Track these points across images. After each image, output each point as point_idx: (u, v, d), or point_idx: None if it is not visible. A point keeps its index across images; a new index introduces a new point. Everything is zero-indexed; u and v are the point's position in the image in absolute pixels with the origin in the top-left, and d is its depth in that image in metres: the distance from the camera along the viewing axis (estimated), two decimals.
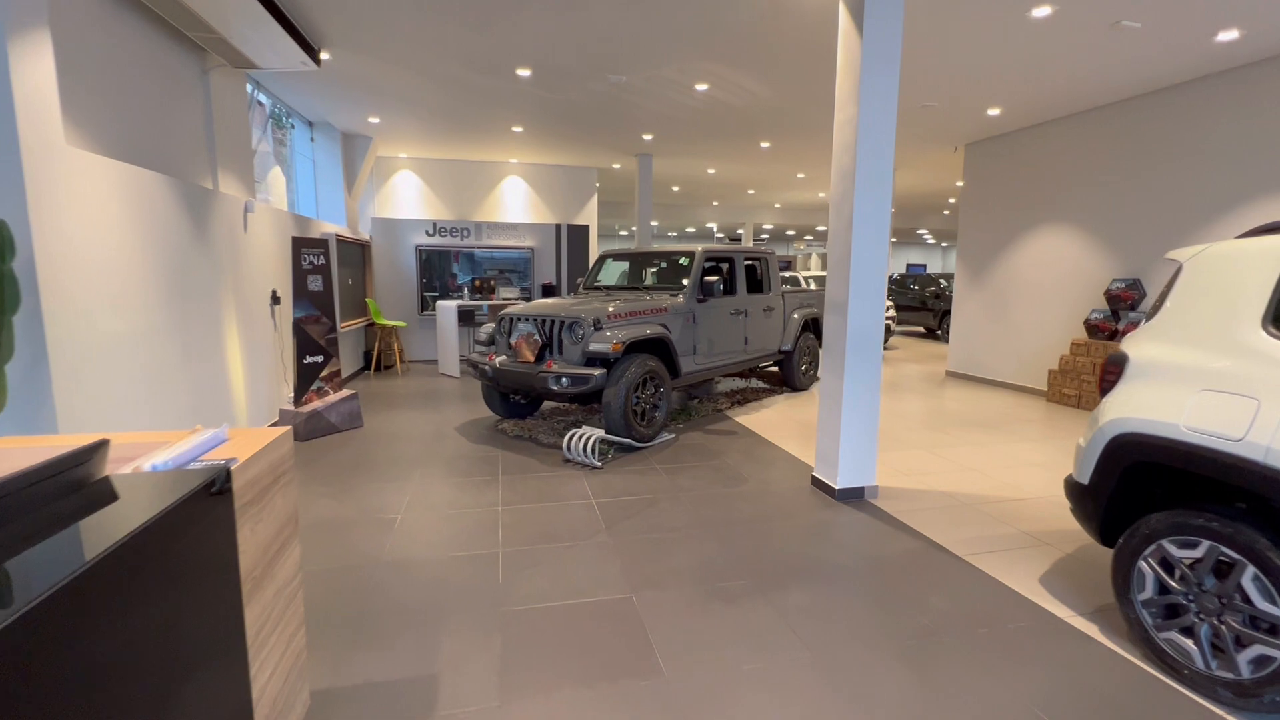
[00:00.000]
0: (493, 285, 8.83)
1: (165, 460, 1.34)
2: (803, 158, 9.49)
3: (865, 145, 3.58)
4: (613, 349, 4.66)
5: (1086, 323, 6.66)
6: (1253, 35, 4.56)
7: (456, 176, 10.11)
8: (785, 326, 7.16)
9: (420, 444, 5.04)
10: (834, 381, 3.86)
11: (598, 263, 6.74)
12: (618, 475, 4.31)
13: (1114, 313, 6.40)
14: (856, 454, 3.87)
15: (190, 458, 1.40)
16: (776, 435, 5.43)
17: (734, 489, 4.06)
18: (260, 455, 1.52)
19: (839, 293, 3.79)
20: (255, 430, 1.71)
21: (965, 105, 6.58)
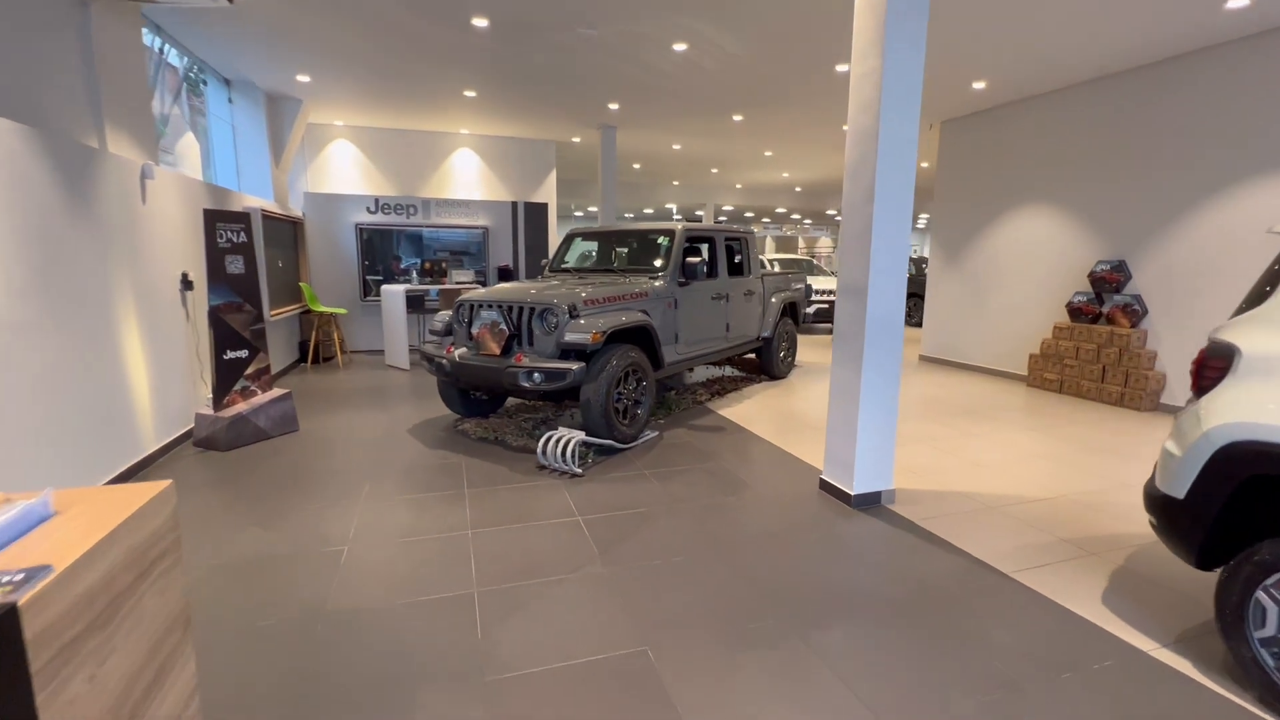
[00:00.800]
0: (444, 268, 8.06)
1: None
2: (774, 133, 9.06)
3: (890, 102, 3.11)
4: (592, 339, 4.10)
5: (1069, 306, 6.51)
6: (1266, 1, 4.34)
7: (401, 148, 9.20)
8: (765, 311, 6.74)
9: (368, 451, 4.37)
10: (849, 375, 3.43)
11: (564, 242, 6.12)
12: (602, 484, 3.78)
13: (1098, 295, 6.26)
14: (874, 456, 3.46)
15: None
16: (766, 430, 5.00)
17: (735, 497, 3.60)
18: (105, 547, 0.92)
19: (856, 274, 3.34)
20: (112, 491, 1.08)
21: (950, 77, 6.25)
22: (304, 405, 5.64)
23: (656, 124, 8.57)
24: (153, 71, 5.24)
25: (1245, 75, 5.04)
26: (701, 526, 3.20)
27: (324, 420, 5.16)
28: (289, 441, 4.57)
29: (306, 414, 5.34)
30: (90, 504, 1.02)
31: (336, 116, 8.40)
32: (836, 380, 3.54)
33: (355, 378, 6.97)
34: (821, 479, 3.71)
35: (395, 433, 4.82)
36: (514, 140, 9.63)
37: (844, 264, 3.44)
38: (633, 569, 2.75)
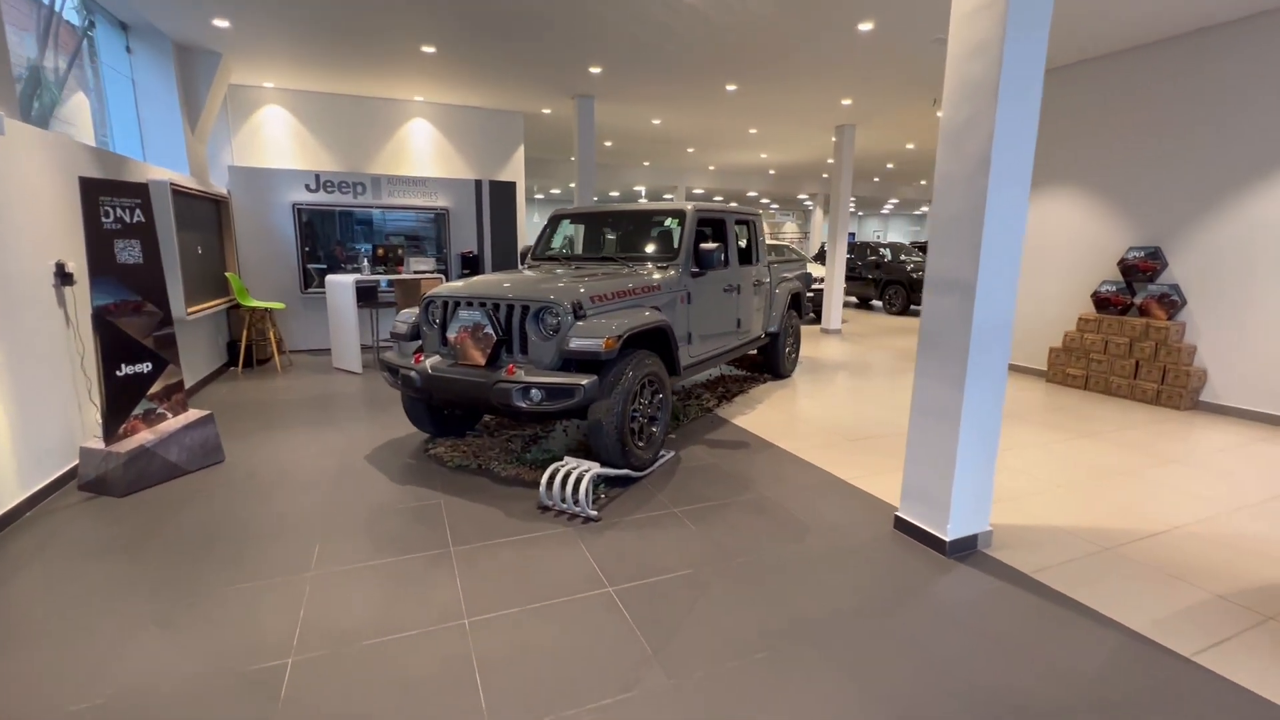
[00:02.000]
0: (400, 255, 7.01)
1: None
2: (765, 107, 8.31)
3: (1016, 40, 2.39)
4: (605, 346, 3.27)
5: (1095, 296, 6.05)
6: None
7: (345, 117, 8.02)
8: (771, 303, 6.03)
9: (318, 489, 3.42)
10: (944, 393, 2.72)
11: (549, 225, 5.22)
12: (626, 531, 2.98)
13: (1129, 285, 5.81)
14: (973, 492, 2.78)
15: None
16: (796, 444, 4.30)
17: (798, 546, 2.87)
18: None
19: (958, 265, 2.62)
20: None
21: None
22: (233, 423, 4.60)
23: (640, 95, 7.70)
24: (39, 22, 4.04)
25: None
26: (773, 598, 2.44)
27: (259, 445, 4.16)
28: (211, 478, 3.57)
29: (236, 436, 4.31)
30: None
31: (266, 76, 7.17)
32: (924, 398, 2.84)
33: (297, 385, 5.90)
34: (898, 517, 3.02)
35: (351, 460, 3.88)
36: (477, 110, 8.56)
37: (938, 252, 2.72)
38: (706, 679, 1.97)
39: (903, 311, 12.92)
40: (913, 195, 19.29)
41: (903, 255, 13.66)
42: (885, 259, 13.59)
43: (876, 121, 9.12)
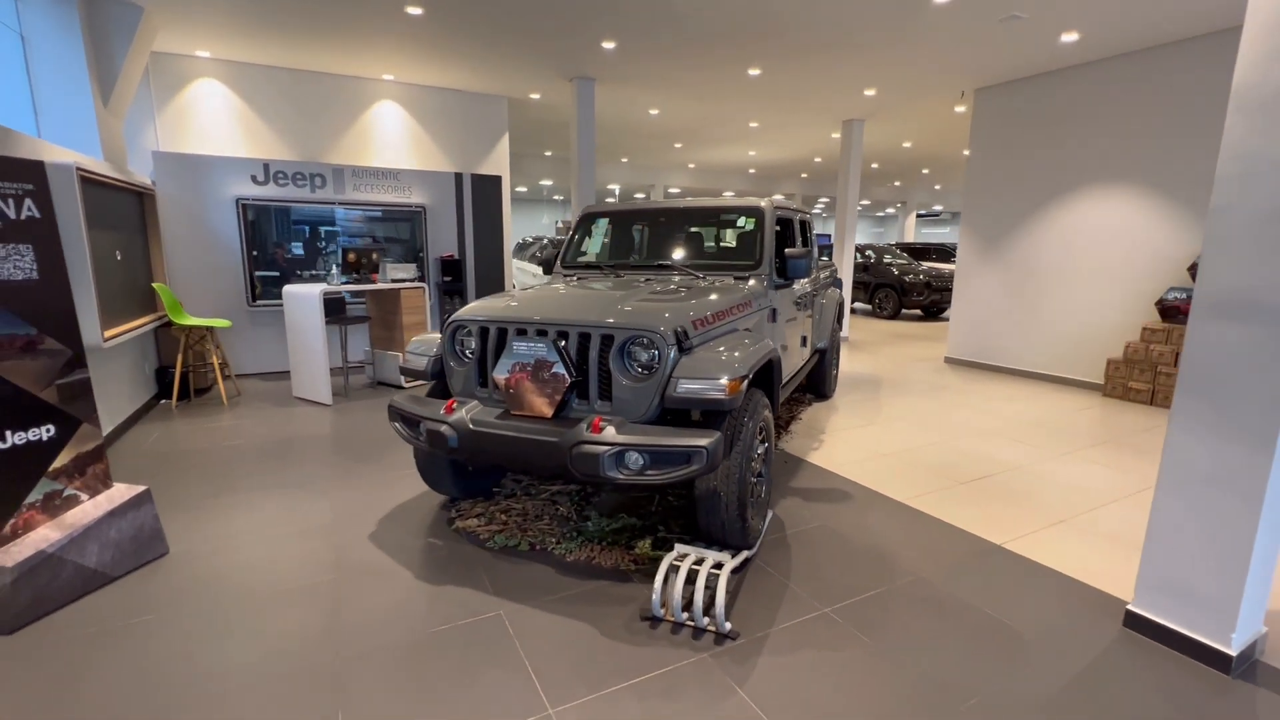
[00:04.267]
0: (374, 261, 5.87)
1: None
2: (781, 95, 7.59)
3: None
4: (729, 391, 2.39)
5: (1161, 304, 5.60)
6: None
7: (299, 96, 6.78)
8: (823, 315, 5.28)
9: (311, 602, 2.39)
10: (1232, 455, 1.99)
11: (581, 225, 4.27)
12: (785, 657, 2.11)
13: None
14: (1262, 587, 2.07)
15: None
16: (902, 491, 3.55)
17: (1029, 670, 2.08)
18: None
19: (1268, 284, 1.89)
20: None
21: (1044, 23, 5.06)
22: (170, 487, 3.45)
23: (648, 78, 6.82)
24: None
25: None
26: None
27: (210, 523, 3.05)
28: (150, 588, 2.48)
29: (176, 507, 3.18)
30: None
31: (200, 44, 5.89)
32: (1187, 461, 2.10)
33: (251, 423, 4.72)
34: (1132, 611, 2.28)
35: (350, 545, 2.84)
36: (455, 93, 7.47)
37: (1225, 263, 1.98)
38: None
39: (894, 315, 12.55)
40: (883, 196, 19.17)
41: (887, 257, 13.32)
42: (871, 261, 13.21)
43: (886, 116, 8.57)
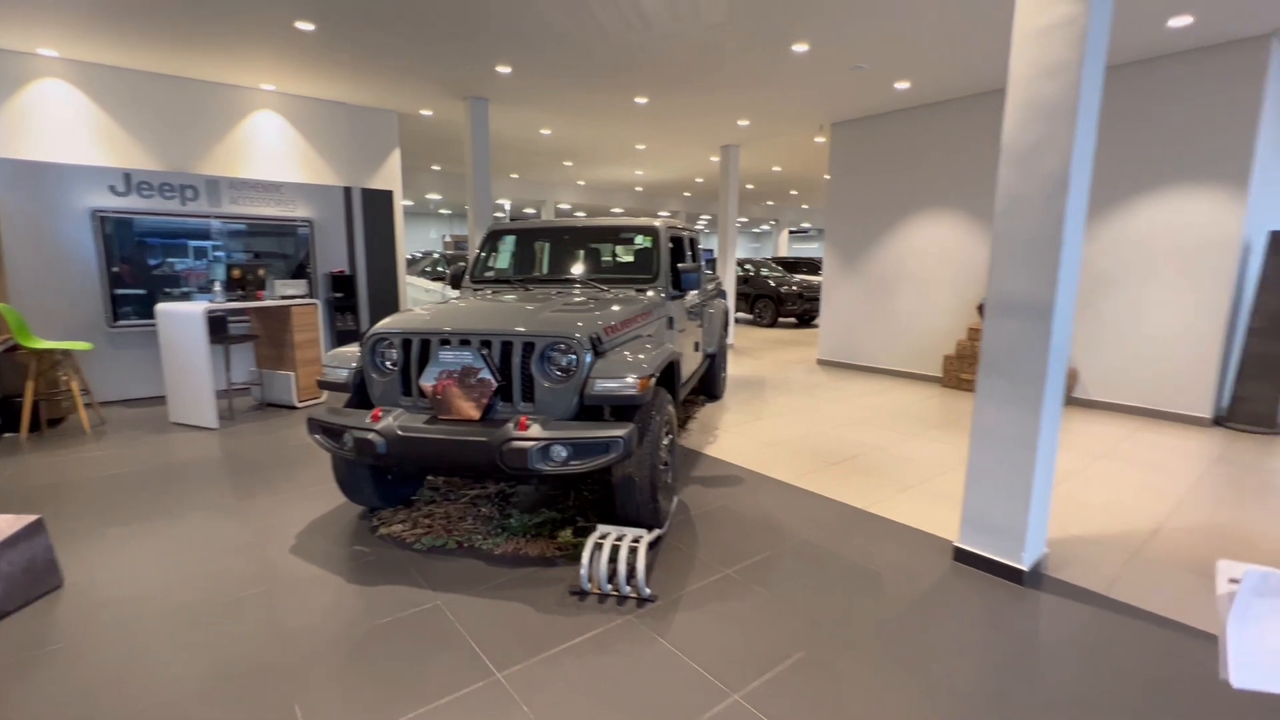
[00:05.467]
0: (261, 277, 5.64)
1: None
2: (665, 122, 8.18)
3: (1092, 64, 2.38)
4: (639, 388, 2.74)
5: (981, 307, 6.74)
6: (1202, 22, 4.63)
7: (163, 102, 6.34)
8: (711, 324, 5.83)
9: (245, 615, 2.42)
10: (1018, 418, 2.65)
11: (488, 242, 4.47)
12: (699, 611, 2.49)
13: None
14: (1041, 515, 2.75)
15: None
16: (786, 473, 4.10)
17: (884, 599, 2.61)
18: None
19: (1033, 290, 2.56)
20: None
21: (882, 74, 6.00)
22: (50, 522, 3.21)
23: (542, 100, 7.11)
24: None
25: (1168, 88, 5.49)
26: (908, 671, 2.13)
27: (109, 551, 2.91)
28: (49, 617, 2.37)
29: (63, 541, 2.99)
30: None
31: (43, 41, 5.38)
32: (990, 426, 2.74)
33: (124, 451, 4.40)
34: (959, 548, 2.90)
35: (273, 558, 2.85)
36: (342, 106, 7.31)
37: (1005, 274, 2.64)
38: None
39: (772, 324, 13.66)
40: (759, 214, 20.71)
41: (765, 270, 14.50)
42: (751, 274, 14.31)
43: (759, 143, 9.48)
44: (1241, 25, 4.70)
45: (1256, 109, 4.95)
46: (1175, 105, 5.34)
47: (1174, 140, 5.36)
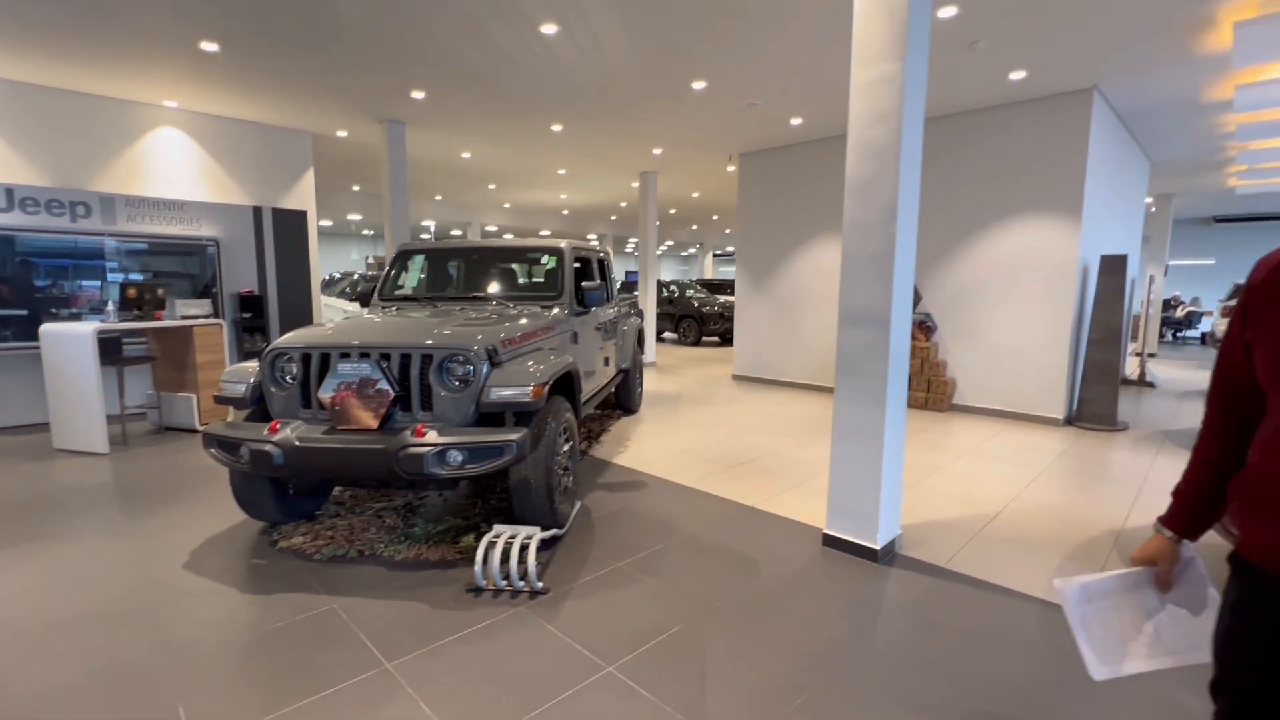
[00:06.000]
0: (160, 296, 5.47)
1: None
2: (583, 149, 8.51)
3: (910, 112, 2.82)
4: (533, 395, 2.94)
5: None
6: (1036, 76, 5.39)
7: (52, 116, 6.08)
8: (624, 340, 6.11)
9: (132, 625, 2.42)
10: (868, 415, 3.03)
11: (397, 261, 4.58)
12: (587, 600, 2.68)
13: None
14: (892, 501, 3.12)
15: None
16: (687, 477, 4.37)
17: (759, 580, 2.89)
18: None
19: (874, 302, 2.96)
20: None
21: (777, 110, 6.55)
22: None
23: (459, 125, 7.28)
24: None
25: (1013, 131, 6.27)
26: (771, 639, 2.41)
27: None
28: None
29: None
30: None
31: None
32: (847, 422, 3.11)
33: (4, 479, 4.17)
34: (827, 534, 3.23)
35: (165, 574, 2.84)
36: (253, 125, 7.21)
37: (852, 290, 3.04)
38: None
39: (696, 343, 14.16)
40: (684, 238, 21.43)
41: (690, 292, 15.05)
42: (676, 295, 14.82)
43: (675, 171, 9.97)
44: (1068, 80, 5.50)
45: (1084, 150, 5.76)
46: (1022, 144, 6.13)
47: (1023, 174, 6.14)
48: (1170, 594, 1.18)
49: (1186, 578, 1.18)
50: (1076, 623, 1.18)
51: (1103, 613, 1.18)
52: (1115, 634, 1.18)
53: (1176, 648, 1.17)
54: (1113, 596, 1.19)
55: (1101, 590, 1.19)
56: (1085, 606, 1.18)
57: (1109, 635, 1.18)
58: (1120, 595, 1.19)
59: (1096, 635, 1.18)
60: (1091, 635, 1.17)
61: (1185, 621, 1.18)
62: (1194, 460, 1.19)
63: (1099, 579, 1.18)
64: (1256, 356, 1.03)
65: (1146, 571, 1.19)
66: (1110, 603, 1.19)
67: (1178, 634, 1.18)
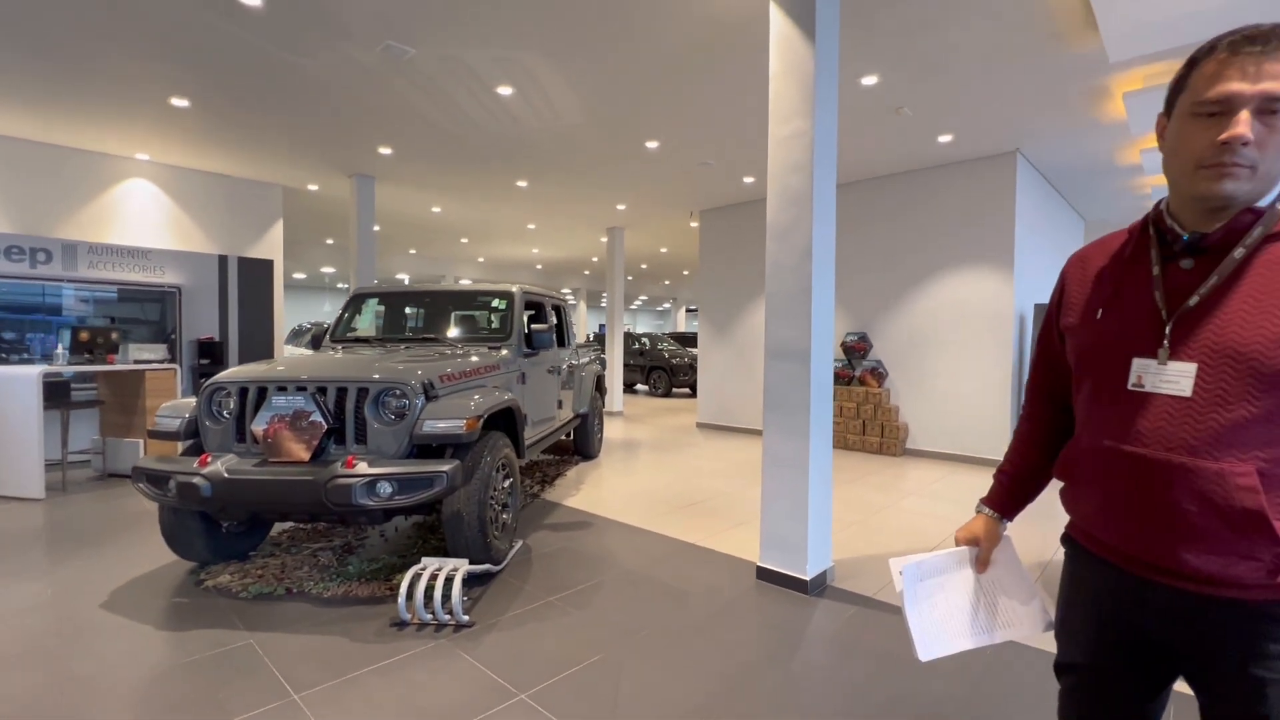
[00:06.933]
0: (114, 340, 5.47)
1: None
2: (549, 204, 8.84)
3: (821, 163, 3.07)
4: (466, 428, 3.01)
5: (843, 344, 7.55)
6: (962, 140, 5.83)
7: (20, 164, 6.20)
8: (581, 385, 6.20)
9: (35, 664, 2.35)
10: (792, 447, 3.13)
11: (351, 305, 4.69)
12: (512, 631, 2.67)
13: (849, 361, 7.41)
14: (821, 533, 3.19)
15: None
16: (633, 517, 4.39)
17: (687, 611, 2.90)
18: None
19: (793, 336, 3.12)
20: None
21: (729, 169, 6.94)
22: None
23: (426, 180, 7.56)
24: None
25: (948, 190, 6.70)
26: (690, 665, 2.42)
27: None
28: None
29: None
30: None
31: None
32: (774, 454, 3.21)
33: None
34: (760, 567, 3.27)
35: (79, 613, 2.76)
36: (224, 178, 7.40)
37: (776, 326, 3.20)
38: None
39: (666, 394, 14.28)
40: (658, 293, 21.91)
41: (660, 344, 15.29)
42: (647, 347, 15.03)
43: (641, 227, 10.36)
44: (991, 144, 5.95)
45: (1012, 208, 6.18)
46: (957, 202, 6.55)
47: (960, 230, 6.53)
48: (988, 573, 1.26)
49: (1003, 557, 1.26)
50: (909, 601, 1.21)
51: (929, 591, 1.22)
52: (940, 613, 1.22)
53: (996, 626, 1.23)
54: (940, 575, 1.24)
55: (931, 568, 1.23)
56: (915, 585, 1.22)
57: (934, 615, 1.22)
58: (945, 574, 1.25)
59: (924, 615, 1.21)
60: (920, 614, 1.21)
61: (1005, 601, 1.25)
62: (1014, 443, 1.28)
63: (929, 557, 1.24)
64: (1068, 343, 1.09)
65: (969, 550, 1.27)
66: (936, 581, 1.24)
67: (998, 613, 1.24)
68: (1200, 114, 0.90)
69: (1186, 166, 0.92)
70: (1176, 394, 0.91)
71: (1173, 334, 0.93)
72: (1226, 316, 0.89)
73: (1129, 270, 1.02)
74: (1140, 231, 1.04)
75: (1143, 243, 1.02)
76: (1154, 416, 0.92)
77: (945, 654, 1.20)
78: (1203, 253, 0.94)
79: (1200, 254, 0.94)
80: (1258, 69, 0.84)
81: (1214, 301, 0.90)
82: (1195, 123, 0.90)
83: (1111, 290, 1.03)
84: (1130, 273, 1.02)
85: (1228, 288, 0.90)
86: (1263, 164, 0.87)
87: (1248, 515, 0.85)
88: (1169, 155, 0.96)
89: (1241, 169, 0.87)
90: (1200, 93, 0.89)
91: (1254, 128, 0.85)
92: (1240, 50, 0.86)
